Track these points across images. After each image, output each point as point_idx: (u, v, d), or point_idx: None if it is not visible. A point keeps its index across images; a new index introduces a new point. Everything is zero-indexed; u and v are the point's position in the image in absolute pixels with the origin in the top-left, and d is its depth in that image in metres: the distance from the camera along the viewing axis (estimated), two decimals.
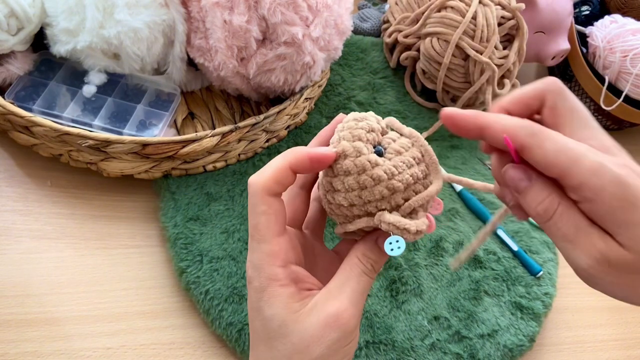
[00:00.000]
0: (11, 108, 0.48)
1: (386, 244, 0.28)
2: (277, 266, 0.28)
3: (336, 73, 0.68)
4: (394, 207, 0.29)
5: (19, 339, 0.43)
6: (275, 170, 0.28)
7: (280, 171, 0.28)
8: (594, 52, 0.75)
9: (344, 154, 0.28)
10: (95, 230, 0.51)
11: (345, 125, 0.30)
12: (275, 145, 0.59)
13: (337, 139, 0.29)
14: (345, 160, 0.28)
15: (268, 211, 0.28)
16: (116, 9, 0.50)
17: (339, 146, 0.29)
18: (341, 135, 0.29)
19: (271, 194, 0.28)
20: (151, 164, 0.51)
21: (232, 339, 0.46)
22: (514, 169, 0.28)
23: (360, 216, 0.29)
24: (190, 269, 0.48)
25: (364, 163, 0.28)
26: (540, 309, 0.54)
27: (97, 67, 0.54)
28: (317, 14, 0.53)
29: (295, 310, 0.28)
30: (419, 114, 0.69)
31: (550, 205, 0.27)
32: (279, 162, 0.29)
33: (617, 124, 0.78)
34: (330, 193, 0.30)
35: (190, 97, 0.61)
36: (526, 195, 0.28)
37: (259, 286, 0.28)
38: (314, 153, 0.28)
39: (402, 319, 0.50)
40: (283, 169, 0.28)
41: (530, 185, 0.27)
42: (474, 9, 0.62)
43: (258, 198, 0.28)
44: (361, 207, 0.29)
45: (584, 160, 0.25)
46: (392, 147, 0.30)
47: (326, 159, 0.29)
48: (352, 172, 0.28)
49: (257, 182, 0.28)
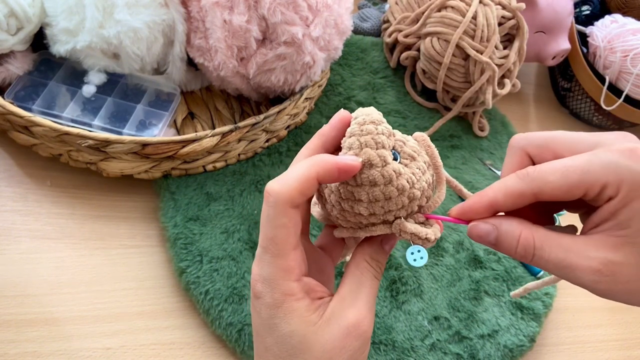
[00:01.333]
0: (11, 108, 0.48)
1: (408, 254, 0.28)
2: (293, 281, 0.27)
3: (336, 73, 0.68)
4: (409, 214, 0.29)
5: (19, 339, 0.43)
6: (302, 180, 0.26)
7: (307, 181, 0.26)
8: (594, 52, 0.75)
9: (369, 162, 0.27)
10: (95, 230, 0.51)
11: (364, 129, 0.28)
12: (275, 145, 0.59)
13: (358, 145, 0.27)
14: (372, 170, 0.27)
15: (288, 224, 0.27)
16: (116, 8, 0.50)
17: (363, 154, 0.27)
18: (362, 141, 0.27)
19: (293, 206, 0.26)
20: (151, 164, 0.51)
21: (232, 339, 0.46)
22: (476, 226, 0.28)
23: (376, 224, 0.29)
24: (190, 269, 0.48)
25: (391, 174, 0.27)
26: (541, 309, 0.54)
27: (96, 67, 0.54)
28: (317, 14, 0.53)
29: (314, 322, 0.27)
30: (419, 114, 0.69)
31: (527, 242, 0.27)
32: (305, 172, 0.26)
33: (618, 123, 0.78)
34: (349, 202, 0.28)
35: (190, 97, 0.61)
36: (500, 244, 0.28)
37: (273, 302, 0.27)
38: (342, 163, 0.26)
39: (402, 319, 0.50)
40: (310, 180, 0.26)
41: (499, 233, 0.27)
42: (474, 8, 0.62)
43: (280, 209, 0.26)
44: (381, 216, 0.28)
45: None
46: (405, 152, 0.29)
47: (354, 169, 0.27)
48: (379, 183, 0.27)
49: (280, 192, 0.26)
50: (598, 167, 0.25)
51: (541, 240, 0.26)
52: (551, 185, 0.26)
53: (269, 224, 0.27)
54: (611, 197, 0.25)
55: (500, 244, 0.28)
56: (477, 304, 0.53)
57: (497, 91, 0.65)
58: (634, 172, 0.25)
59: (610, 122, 0.78)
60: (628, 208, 0.25)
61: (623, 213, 0.25)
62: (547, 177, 0.26)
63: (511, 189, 0.27)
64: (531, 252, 0.27)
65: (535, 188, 0.26)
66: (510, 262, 0.57)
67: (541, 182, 0.26)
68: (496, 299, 0.54)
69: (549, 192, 0.26)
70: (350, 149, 0.28)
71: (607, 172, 0.25)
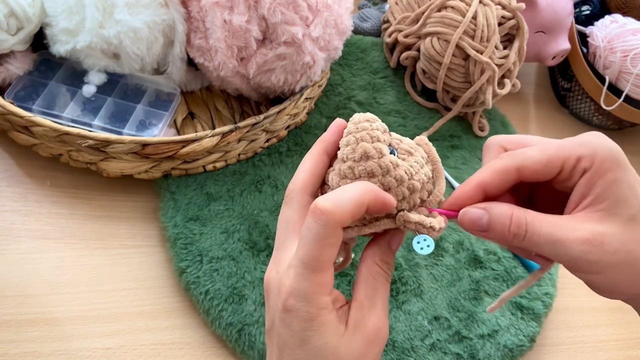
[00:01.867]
0: (11, 108, 0.48)
1: (414, 243, 0.28)
2: (327, 294, 0.28)
3: (336, 73, 0.68)
4: (412, 207, 0.29)
5: (19, 339, 0.43)
6: (356, 204, 0.27)
7: (360, 207, 0.27)
8: (594, 52, 0.75)
9: (365, 154, 0.28)
10: (95, 230, 0.51)
11: (360, 126, 0.29)
12: (275, 145, 0.59)
13: (354, 141, 0.28)
14: (369, 162, 0.28)
15: (336, 244, 0.27)
16: (116, 8, 0.50)
17: (359, 148, 0.28)
18: (358, 136, 0.28)
19: (342, 227, 0.27)
20: (151, 164, 0.51)
21: (232, 339, 0.46)
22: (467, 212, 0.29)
23: (380, 218, 0.29)
24: (190, 269, 0.48)
25: (388, 164, 0.28)
26: (541, 309, 0.54)
27: (96, 67, 0.54)
28: (317, 14, 0.53)
29: (342, 333, 0.28)
30: (419, 114, 0.69)
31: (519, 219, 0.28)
32: (359, 198, 0.27)
33: (618, 124, 0.78)
34: None
35: (190, 97, 0.61)
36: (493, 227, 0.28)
37: (308, 316, 0.27)
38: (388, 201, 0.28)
39: (402, 319, 0.50)
40: (363, 206, 0.27)
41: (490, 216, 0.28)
42: (474, 8, 0.62)
43: (332, 230, 0.26)
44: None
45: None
46: (402, 148, 0.30)
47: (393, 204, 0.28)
48: (377, 174, 0.28)
49: (334, 213, 0.26)
50: (573, 142, 0.28)
51: (532, 218, 0.27)
52: (532, 159, 0.28)
53: (317, 242, 0.27)
54: (586, 169, 0.27)
55: (492, 226, 0.28)
56: (477, 304, 0.53)
57: (497, 91, 0.65)
58: (606, 146, 0.27)
59: (610, 122, 0.78)
60: (603, 180, 0.27)
61: (599, 185, 0.27)
62: (527, 152, 0.28)
63: (496, 167, 0.29)
64: (524, 229, 0.27)
65: (517, 162, 0.28)
66: (510, 262, 0.57)
67: (523, 156, 0.28)
68: (496, 299, 0.54)
69: (530, 166, 0.28)
70: (347, 145, 0.29)
71: (581, 147, 0.27)
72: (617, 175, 0.27)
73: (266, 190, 0.55)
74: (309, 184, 0.30)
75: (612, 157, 0.27)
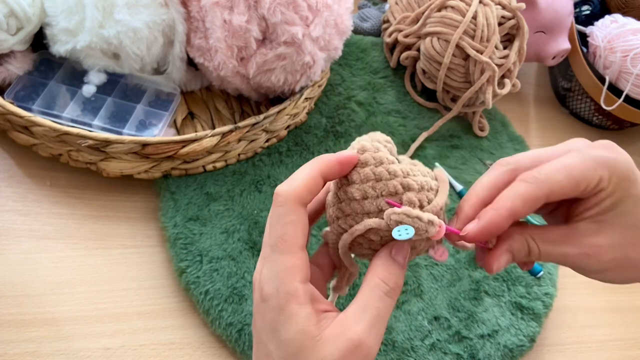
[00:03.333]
0: (11, 108, 0.48)
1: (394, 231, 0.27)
2: (298, 281, 0.27)
3: (336, 73, 0.68)
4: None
5: (19, 339, 0.43)
6: (307, 179, 0.28)
7: (312, 179, 0.28)
8: (594, 52, 0.75)
9: (362, 149, 0.29)
10: (95, 230, 0.51)
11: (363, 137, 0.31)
12: (275, 145, 0.59)
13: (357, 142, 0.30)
14: (365, 154, 0.29)
15: (297, 222, 0.27)
16: (116, 8, 0.50)
17: (357, 144, 0.29)
18: (359, 139, 0.30)
19: (302, 204, 0.28)
20: (151, 164, 0.51)
21: (231, 339, 0.46)
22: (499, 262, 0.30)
23: (371, 213, 0.29)
24: (190, 269, 0.48)
25: (382, 157, 0.29)
26: (541, 309, 0.54)
27: (96, 67, 0.54)
28: (317, 14, 0.53)
29: (313, 335, 0.26)
30: (419, 114, 0.69)
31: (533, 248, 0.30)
32: (309, 171, 0.28)
33: (618, 123, 0.78)
34: (344, 187, 0.29)
35: (190, 97, 0.61)
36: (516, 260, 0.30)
37: (277, 304, 0.27)
38: (342, 156, 0.29)
39: (402, 319, 0.50)
40: (315, 177, 0.28)
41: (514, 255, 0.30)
42: (474, 8, 0.62)
43: (289, 207, 0.27)
44: (374, 200, 0.28)
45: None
46: (406, 161, 0.31)
47: (352, 160, 0.29)
48: (370, 163, 0.29)
49: (287, 191, 0.27)
50: (593, 163, 0.28)
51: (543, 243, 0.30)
52: (560, 184, 0.28)
53: (278, 222, 0.28)
54: (602, 189, 0.28)
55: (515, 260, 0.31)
56: (477, 304, 0.53)
57: (497, 91, 0.65)
58: (623, 165, 0.28)
59: (610, 122, 0.78)
60: (612, 197, 0.29)
61: (608, 200, 0.29)
62: (555, 178, 0.28)
63: (527, 195, 0.28)
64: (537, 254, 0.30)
65: (546, 189, 0.28)
66: None
67: (552, 182, 0.28)
68: (496, 299, 0.54)
69: (559, 192, 0.28)
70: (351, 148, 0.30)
71: (601, 168, 0.28)
72: (625, 193, 0.29)
73: (266, 190, 0.55)
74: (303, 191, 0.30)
75: (626, 177, 0.29)
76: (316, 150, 0.60)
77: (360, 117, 0.65)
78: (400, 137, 0.65)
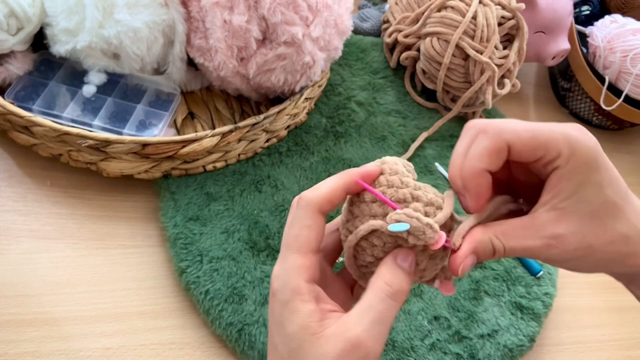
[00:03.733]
0: (11, 108, 0.48)
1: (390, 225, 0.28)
2: (303, 280, 0.28)
3: (336, 73, 0.68)
4: None
5: (18, 339, 0.43)
6: (331, 190, 0.29)
7: (334, 190, 0.29)
8: (594, 52, 0.75)
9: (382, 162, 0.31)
10: (95, 230, 0.51)
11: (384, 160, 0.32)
12: (275, 145, 0.59)
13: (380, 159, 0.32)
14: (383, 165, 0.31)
15: (313, 226, 0.29)
16: (116, 8, 0.50)
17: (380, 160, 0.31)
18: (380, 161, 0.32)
19: (321, 212, 0.29)
20: (151, 164, 0.51)
21: (232, 339, 0.46)
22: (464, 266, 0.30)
23: (377, 217, 0.29)
24: (190, 269, 0.48)
25: (398, 169, 0.30)
26: (541, 309, 0.54)
27: (96, 67, 0.54)
28: (317, 14, 0.53)
29: (314, 332, 0.27)
30: (419, 114, 0.69)
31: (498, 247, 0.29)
32: (333, 182, 0.30)
33: (618, 124, 0.78)
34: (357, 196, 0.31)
35: (190, 97, 0.61)
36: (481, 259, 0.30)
37: (283, 299, 0.28)
38: (364, 170, 0.30)
39: (402, 319, 0.50)
40: (337, 189, 0.30)
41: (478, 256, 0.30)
42: (474, 8, 0.62)
43: (309, 212, 0.29)
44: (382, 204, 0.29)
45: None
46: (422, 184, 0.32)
47: (375, 172, 0.30)
48: (385, 172, 0.30)
49: (311, 197, 0.29)
50: (560, 135, 0.28)
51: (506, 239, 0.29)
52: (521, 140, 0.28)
53: (296, 224, 0.29)
54: (559, 167, 0.28)
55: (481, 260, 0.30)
56: (477, 304, 0.53)
57: (497, 91, 0.65)
58: (585, 147, 0.28)
59: (610, 122, 0.78)
60: (570, 182, 0.28)
61: (565, 186, 0.28)
62: (519, 132, 0.29)
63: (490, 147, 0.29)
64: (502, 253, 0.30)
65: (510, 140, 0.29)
66: (509, 262, 0.57)
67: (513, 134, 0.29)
68: (496, 298, 0.54)
69: (519, 147, 0.29)
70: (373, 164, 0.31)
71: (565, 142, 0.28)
72: (584, 178, 0.28)
73: (266, 190, 0.55)
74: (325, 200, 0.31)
75: (587, 161, 0.28)
76: (316, 150, 0.60)
77: (360, 117, 0.65)
78: (400, 137, 0.65)
